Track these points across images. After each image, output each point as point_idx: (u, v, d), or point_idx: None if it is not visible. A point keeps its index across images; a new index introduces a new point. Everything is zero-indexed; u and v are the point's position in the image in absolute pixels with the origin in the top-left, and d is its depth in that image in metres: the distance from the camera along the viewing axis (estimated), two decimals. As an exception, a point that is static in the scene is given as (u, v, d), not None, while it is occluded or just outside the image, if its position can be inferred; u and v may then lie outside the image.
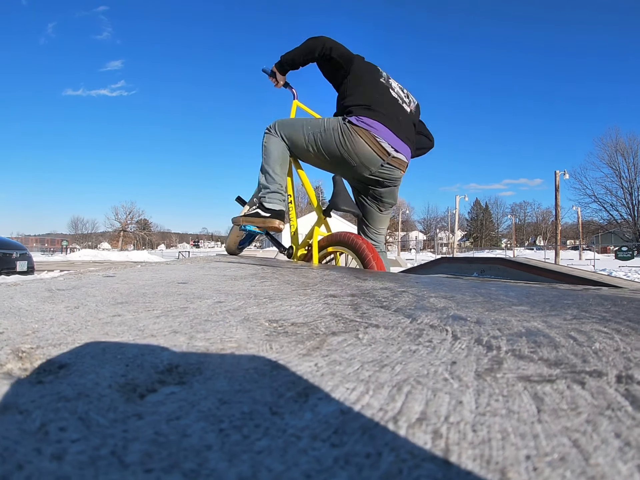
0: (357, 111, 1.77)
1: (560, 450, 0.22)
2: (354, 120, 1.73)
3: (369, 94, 1.82)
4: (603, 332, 0.45)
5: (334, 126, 1.77)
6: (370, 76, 1.89)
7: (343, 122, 1.76)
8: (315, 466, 0.21)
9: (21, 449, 0.22)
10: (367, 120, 1.74)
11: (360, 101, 1.80)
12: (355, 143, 1.73)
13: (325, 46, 1.80)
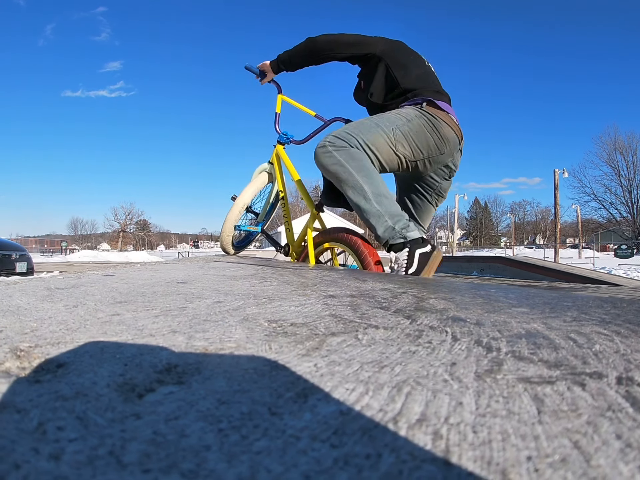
0: (423, 93, 1.56)
1: (562, 452, 0.22)
2: (438, 103, 1.52)
3: (420, 74, 1.64)
4: (603, 334, 0.45)
5: (415, 114, 1.49)
6: (408, 53, 1.70)
7: (421, 107, 1.51)
8: (314, 467, 0.21)
9: (18, 448, 0.22)
10: (439, 102, 1.54)
11: (418, 83, 1.60)
12: (443, 127, 1.50)
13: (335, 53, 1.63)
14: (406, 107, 1.55)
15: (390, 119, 1.49)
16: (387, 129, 1.46)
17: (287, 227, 2.10)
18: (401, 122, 1.48)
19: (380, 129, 1.46)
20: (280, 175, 2.15)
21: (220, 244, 2.29)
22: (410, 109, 1.52)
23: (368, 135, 1.45)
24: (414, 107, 1.53)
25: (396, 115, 1.50)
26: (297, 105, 2.16)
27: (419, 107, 1.53)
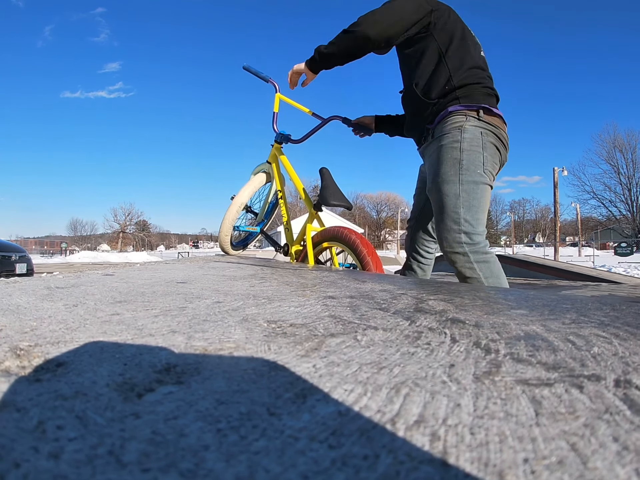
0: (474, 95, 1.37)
1: (558, 454, 0.22)
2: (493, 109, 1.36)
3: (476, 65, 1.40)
4: (602, 337, 0.45)
5: (480, 132, 1.35)
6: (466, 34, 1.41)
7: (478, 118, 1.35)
8: (312, 467, 0.21)
9: (18, 447, 0.22)
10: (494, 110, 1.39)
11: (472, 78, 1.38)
12: (502, 133, 1.40)
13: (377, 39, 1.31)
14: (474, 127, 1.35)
15: (473, 160, 1.32)
16: (483, 177, 1.34)
17: (286, 226, 2.10)
18: (482, 154, 1.34)
19: (482, 185, 1.33)
20: (279, 175, 2.15)
21: (219, 244, 2.29)
22: (471, 127, 1.35)
23: (483, 205, 1.34)
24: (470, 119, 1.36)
25: (470, 149, 1.33)
26: (294, 104, 2.16)
27: (476, 118, 1.36)
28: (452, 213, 1.32)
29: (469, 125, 1.35)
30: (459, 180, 1.32)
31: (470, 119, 1.36)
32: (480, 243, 1.32)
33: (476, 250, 1.30)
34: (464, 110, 1.37)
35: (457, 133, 1.35)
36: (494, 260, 1.32)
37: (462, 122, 1.36)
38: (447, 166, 1.35)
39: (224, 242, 2.24)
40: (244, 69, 2.11)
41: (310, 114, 2.12)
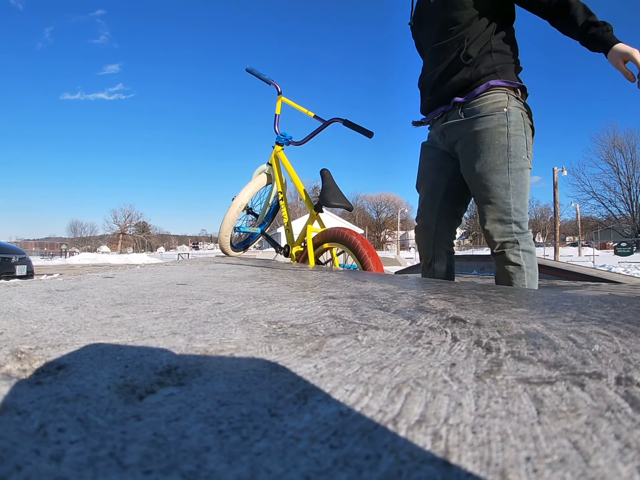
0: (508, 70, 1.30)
1: (560, 452, 0.22)
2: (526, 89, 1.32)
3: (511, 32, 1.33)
4: (602, 334, 0.45)
5: (522, 113, 1.29)
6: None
7: (524, 107, 1.30)
8: (314, 468, 0.21)
9: (20, 450, 0.22)
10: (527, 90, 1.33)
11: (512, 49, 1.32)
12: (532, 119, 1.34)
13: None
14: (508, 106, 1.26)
15: (519, 145, 1.27)
16: (527, 162, 1.29)
17: (287, 227, 2.10)
18: (525, 138, 1.29)
19: (526, 170, 1.29)
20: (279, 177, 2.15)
21: (219, 245, 2.29)
22: (515, 109, 1.27)
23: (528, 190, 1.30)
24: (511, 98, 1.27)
25: (517, 135, 1.27)
26: (296, 106, 2.16)
27: (516, 96, 1.29)
28: (502, 204, 1.27)
29: (512, 106, 1.27)
30: (507, 169, 1.26)
31: (511, 98, 1.28)
32: (528, 232, 1.31)
33: (525, 239, 1.29)
34: (505, 87, 1.28)
35: (502, 116, 1.26)
36: (535, 252, 1.32)
37: (505, 102, 1.27)
38: (495, 154, 1.27)
39: (223, 243, 2.24)
40: (246, 71, 2.12)
41: (312, 117, 2.12)
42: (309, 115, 2.12)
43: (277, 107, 2.15)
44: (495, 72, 1.28)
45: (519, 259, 1.28)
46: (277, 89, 2.17)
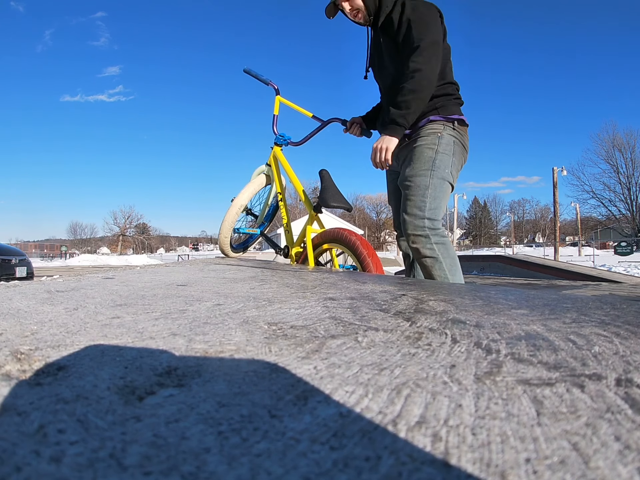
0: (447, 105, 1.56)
1: (560, 454, 0.22)
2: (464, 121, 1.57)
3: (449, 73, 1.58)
4: (602, 336, 0.45)
5: (453, 140, 1.55)
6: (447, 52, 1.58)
7: (455, 131, 1.56)
8: (314, 469, 0.21)
9: (20, 451, 0.22)
10: (463, 116, 1.59)
11: (450, 88, 1.58)
12: (466, 140, 1.61)
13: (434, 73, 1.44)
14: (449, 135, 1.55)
15: (444, 161, 1.53)
16: (449, 176, 1.54)
17: (286, 228, 2.10)
18: (451, 159, 1.54)
19: (447, 182, 1.54)
20: (278, 177, 2.15)
21: (219, 246, 2.29)
22: (448, 136, 1.55)
23: (445, 198, 1.55)
24: (446, 128, 1.55)
25: (444, 153, 1.53)
26: (295, 106, 2.16)
27: (452, 127, 1.56)
28: (419, 201, 1.51)
29: (445, 133, 1.56)
30: (430, 175, 1.52)
31: (447, 128, 1.57)
32: (440, 228, 1.52)
33: (436, 233, 1.49)
34: (443, 121, 1.57)
35: (435, 138, 1.56)
36: (449, 243, 1.53)
37: (440, 130, 1.56)
38: (421, 162, 1.54)
39: (223, 244, 2.23)
40: (244, 72, 2.11)
41: (310, 117, 2.12)
42: (308, 116, 2.12)
43: (275, 108, 2.14)
44: (436, 108, 1.56)
45: (433, 252, 1.48)
46: (275, 90, 2.16)
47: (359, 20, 1.65)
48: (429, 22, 1.47)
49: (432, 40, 1.44)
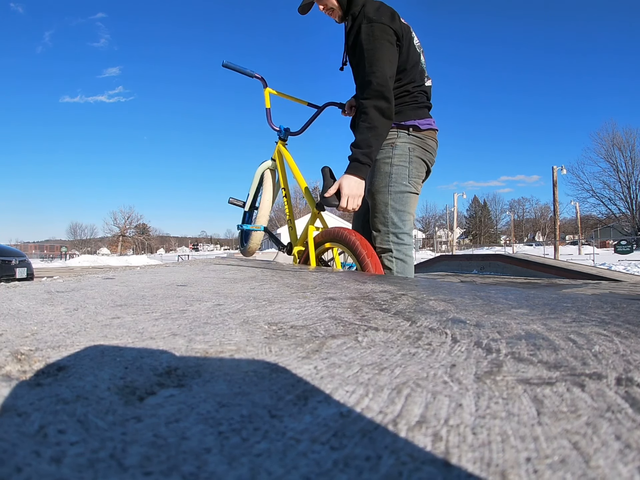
0: (405, 112, 1.58)
1: (561, 453, 0.22)
2: (422, 127, 1.59)
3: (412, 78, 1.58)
4: (603, 335, 0.45)
5: (408, 147, 1.59)
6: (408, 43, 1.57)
7: (410, 136, 1.58)
8: (314, 469, 0.21)
9: (20, 452, 0.22)
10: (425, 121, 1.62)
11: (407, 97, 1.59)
12: (429, 142, 1.63)
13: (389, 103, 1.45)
14: (403, 142, 1.58)
15: (400, 173, 1.58)
16: (408, 186, 1.59)
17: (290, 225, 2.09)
18: (407, 168, 1.58)
19: (406, 193, 1.58)
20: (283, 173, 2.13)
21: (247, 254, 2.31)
22: (401, 144, 1.58)
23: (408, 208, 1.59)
24: (401, 135, 1.58)
25: (399, 164, 1.58)
26: (287, 96, 2.10)
27: (407, 133, 1.59)
28: (382, 217, 1.60)
29: (399, 142, 1.60)
30: (388, 191, 1.60)
31: (401, 135, 1.60)
32: (405, 242, 1.60)
33: (399, 249, 1.59)
34: (395, 128, 1.60)
35: (389, 149, 1.60)
36: (410, 261, 1.62)
37: (394, 139, 1.60)
38: (379, 178, 1.61)
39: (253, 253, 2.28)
40: (223, 67, 2.00)
41: (305, 105, 2.11)
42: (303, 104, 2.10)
43: (266, 101, 2.08)
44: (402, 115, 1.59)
45: (391, 264, 1.60)
46: (262, 82, 2.09)
47: (335, 18, 1.67)
48: (379, 58, 1.47)
49: (382, 77, 1.45)
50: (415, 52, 1.62)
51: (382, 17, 1.50)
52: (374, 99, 1.44)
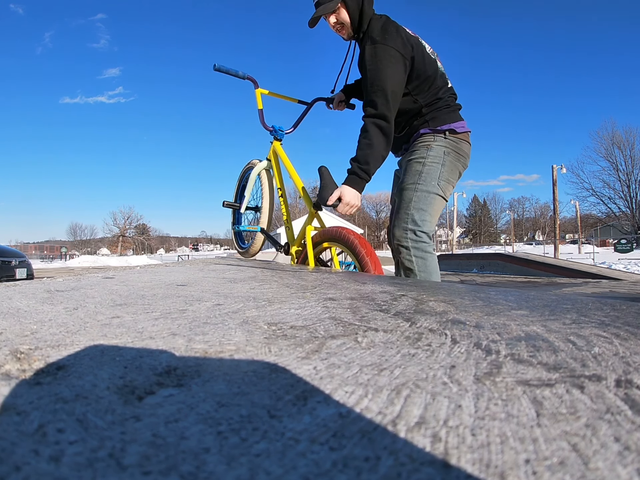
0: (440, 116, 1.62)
1: (560, 454, 0.22)
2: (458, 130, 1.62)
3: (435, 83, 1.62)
4: (602, 337, 0.45)
5: (444, 151, 1.60)
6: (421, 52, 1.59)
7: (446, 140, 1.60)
8: (313, 469, 0.21)
9: (19, 450, 0.22)
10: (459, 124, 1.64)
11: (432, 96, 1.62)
12: (463, 147, 1.65)
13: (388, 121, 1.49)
14: (440, 145, 1.60)
15: (431, 173, 1.59)
16: (436, 188, 1.58)
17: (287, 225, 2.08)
18: (439, 170, 1.59)
19: (432, 194, 1.58)
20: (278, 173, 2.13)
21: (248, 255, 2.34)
22: (437, 147, 1.60)
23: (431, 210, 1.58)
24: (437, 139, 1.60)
25: (431, 165, 1.59)
26: (277, 95, 2.13)
27: (443, 137, 1.60)
28: (404, 214, 1.59)
29: (435, 144, 1.63)
30: (415, 188, 1.60)
31: (437, 139, 1.63)
32: (424, 240, 1.56)
33: (417, 246, 1.56)
34: (432, 133, 1.64)
35: (424, 150, 1.63)
36: (431, 259, 1.57)
37: (430, 142, 1.63)
38: (409, 176, 1.63)
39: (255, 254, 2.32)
40: (215, 70, 1.99)
41: (295, 102, 2.13)
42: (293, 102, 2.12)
43: (258, 102, 2.09)
44: (427, 122, 1.63)
45: (411, 264, 1.56)
46: (253, 83, 2.10)
47: (342, 35, 1.70)
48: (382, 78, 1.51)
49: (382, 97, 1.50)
50: (430, 59, 1.63)
51: (385, 36, 1.53)
52: (374, 117, 1.50)
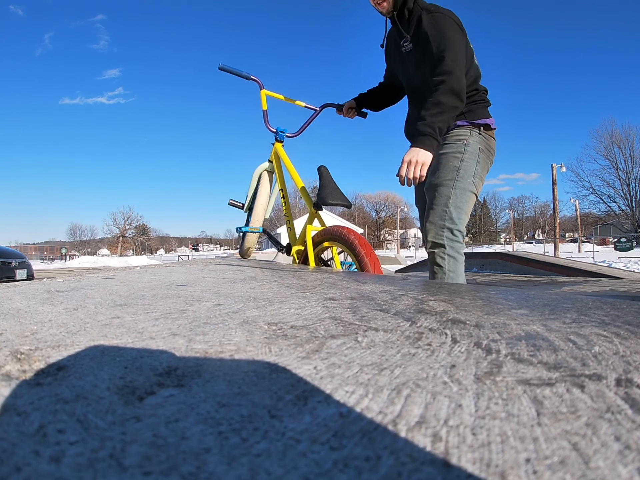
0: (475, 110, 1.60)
1: (560, 454, 0.22)
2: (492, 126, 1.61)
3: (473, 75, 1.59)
4: (602, 336, 0.45)
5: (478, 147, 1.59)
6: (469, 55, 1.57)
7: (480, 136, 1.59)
8: (314, 469, 0.21)
9: (19, 451, 0.22)
10: (490, 120, 1.62)
11: (476, 95, 1.61)
12: (492, 144, 1.65)
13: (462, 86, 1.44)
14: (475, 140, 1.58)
15: (468, 170, 1.57)
16: (471, 185, 1.57)
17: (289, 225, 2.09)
18: (474, 167, 1.57)
19: (469, 191, 1.57)
20: (280, 174, 2.13)
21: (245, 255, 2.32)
22: (473, 143, 1.58)
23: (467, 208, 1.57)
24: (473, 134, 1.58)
25: (468, 161, 1.57)
26: (283, 98, 2.10)
27: (478, 132, 1.59)
28: (441, 210, 1.56)
29: (472, 140, 1.60)
30: (453, 185, 1.57)
31: (473, 134, 1.60)
32: (459, 240, 1.56)
33: (452, 245, 1.54)
34: (469, 126, 1.60)
35: (461, 145, 1.59)
36: (461, 260, 1.58)
37: (467, 137, 1.60)
38: (446, 171, 1.58)
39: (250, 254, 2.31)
40: (220, 70, 2.00)
41: (302, 106, 2.11)
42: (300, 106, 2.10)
43: (263, 103, 2.09)
44: (463, 113, 1.59)
45: (443, 262, 1.55)
46: (258, 84, 2.09)
47: (382, 9, 1.63)
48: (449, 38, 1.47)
49: (454, 52, 1.45)
50: (470, 46, 1.60)
51: (441, 8, 1.54)
52: (447, 74, 1.43)
